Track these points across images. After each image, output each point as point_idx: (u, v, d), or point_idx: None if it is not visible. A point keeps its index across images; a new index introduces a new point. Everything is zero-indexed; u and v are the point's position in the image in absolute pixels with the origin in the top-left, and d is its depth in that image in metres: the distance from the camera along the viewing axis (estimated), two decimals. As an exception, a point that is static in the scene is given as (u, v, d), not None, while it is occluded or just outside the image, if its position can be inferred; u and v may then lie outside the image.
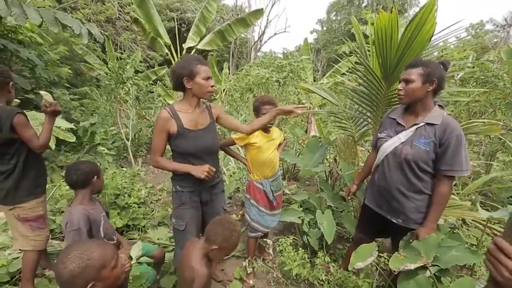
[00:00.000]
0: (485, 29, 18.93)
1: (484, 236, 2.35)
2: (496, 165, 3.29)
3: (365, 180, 1.95)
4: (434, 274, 1.44)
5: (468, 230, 2.39)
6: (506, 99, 3.01)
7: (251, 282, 2.05)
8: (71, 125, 3.64)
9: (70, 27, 2.79)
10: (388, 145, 1.49)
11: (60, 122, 3.50)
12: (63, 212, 2.55)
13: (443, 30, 1.91)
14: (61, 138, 3.59)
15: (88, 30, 2.94)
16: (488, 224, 1.98)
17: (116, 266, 0.95)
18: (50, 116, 1.59)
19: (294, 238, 2.15)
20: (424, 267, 1.42)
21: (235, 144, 1.98)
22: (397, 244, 1.51)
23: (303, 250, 2.08)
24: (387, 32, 1.70)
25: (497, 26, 22.74)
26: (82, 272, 0.84)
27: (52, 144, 3.32)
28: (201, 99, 1.57)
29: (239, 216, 2.96)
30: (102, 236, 1.55)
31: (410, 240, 1.48)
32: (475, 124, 1.99)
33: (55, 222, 2.40)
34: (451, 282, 1.40)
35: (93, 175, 1.54)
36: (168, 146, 1.58)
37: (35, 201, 1.67)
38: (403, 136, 1.45)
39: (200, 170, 1.44)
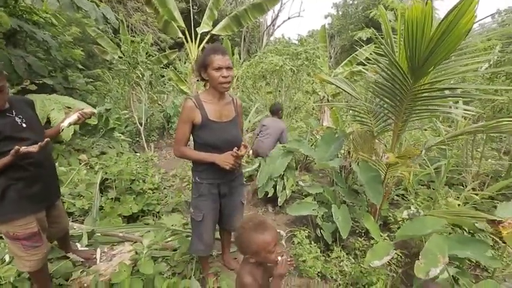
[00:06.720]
0: (513, 16, 17.74)
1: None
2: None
3: None
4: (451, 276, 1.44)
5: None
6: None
7: None
8: (93, 109, 3.64)
9: (86, 10, 2.75)
10: None
11: (82, 105, 3.46)
12: (82, 196, 2.61)
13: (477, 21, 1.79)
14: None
15: (103, 14, 2.89)
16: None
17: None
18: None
19: (308, 231, 2.16)
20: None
21: None
22: None
23: (315, 244, 2.09)
24: (419, 24, 1.60)
25: (526, 14, 21.29)
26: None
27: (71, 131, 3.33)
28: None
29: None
30: None
31: None
32: (503, 123, 1.90)
33: (75, 206, 2.47)
34: (474, 283, 1.39)
35: None
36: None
37: (27, 217, 1.37)
38: None
39: (226, 162, 1.44)
